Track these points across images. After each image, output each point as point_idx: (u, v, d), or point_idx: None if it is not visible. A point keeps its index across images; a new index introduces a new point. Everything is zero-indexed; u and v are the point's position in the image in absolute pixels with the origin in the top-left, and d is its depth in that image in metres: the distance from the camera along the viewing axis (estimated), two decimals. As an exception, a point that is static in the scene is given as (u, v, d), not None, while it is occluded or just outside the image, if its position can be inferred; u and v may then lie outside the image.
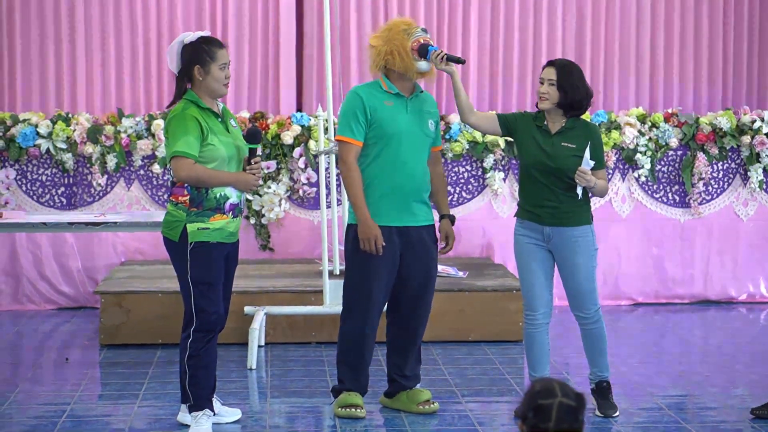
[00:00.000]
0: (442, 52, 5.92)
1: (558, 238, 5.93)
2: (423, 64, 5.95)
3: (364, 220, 5.91)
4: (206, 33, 5.72)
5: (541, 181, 5.92)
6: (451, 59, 5.97)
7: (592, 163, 5.87)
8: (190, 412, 5.72)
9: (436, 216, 6.11)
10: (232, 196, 5.66)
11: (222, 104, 5.81)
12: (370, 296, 5.96)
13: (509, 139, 8.92)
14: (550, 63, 5.98)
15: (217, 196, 5.61)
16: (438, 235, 6.16)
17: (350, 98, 5.99)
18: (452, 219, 6.17)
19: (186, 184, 5.59)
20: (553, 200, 5.91)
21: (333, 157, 7.63)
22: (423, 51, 5.92)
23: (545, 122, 5.98)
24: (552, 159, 5.89)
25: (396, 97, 5.98)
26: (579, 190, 5.90)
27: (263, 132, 8.81)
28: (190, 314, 5.64)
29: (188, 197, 5.60)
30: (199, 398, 5.69)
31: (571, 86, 5.89)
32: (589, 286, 5.97)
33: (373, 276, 5.94)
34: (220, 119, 5.68)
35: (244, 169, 5.71)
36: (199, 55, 5.61)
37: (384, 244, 5.90)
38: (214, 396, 5.91)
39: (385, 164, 5.94)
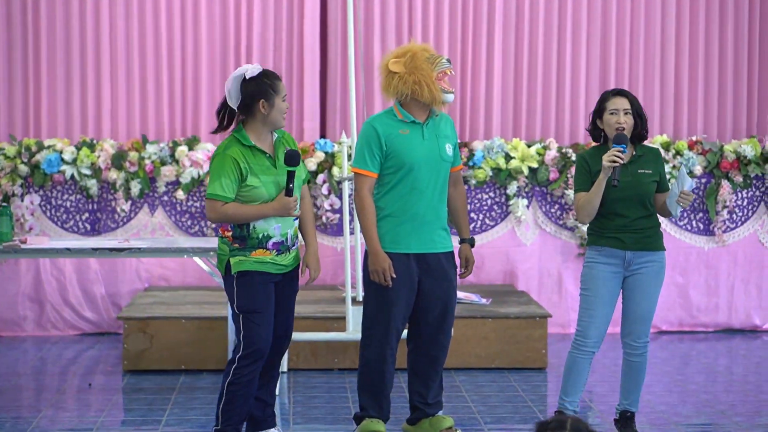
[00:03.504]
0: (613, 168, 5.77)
1: (639, 262, 5.89)
2: (450, 96, 5.92)
3: (374, 252, 5.89)
4: (257, 66, 5.64)
5: (622, 209, 5.86)
6: (611, 179, 5.79)
7: (691, 180, 5.85)
8: (214, 436, 5.72)
9: (455, 240, 6.07)
10: (276, 235, 5.61)
11: (279, 133, 5.73)
12: (389, 323, 5.93)
13: (532, 166, 8.95)
14: (618, 93, 5.92)
15: (260, 235, 5.60)
16: (458, 260, 6.14)
17: (365, 130, 5.95)
18: (471, 242, 6.13)
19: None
20: (635, 226, 5.86)
21: (356, 183, 7.62)
22: (618, 140, 5.79)
23: None
24: (633, 187, 5.84)
25: (411, 125, 5.94)
26: (678, 211, 5.86)
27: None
28: (239, 341, 5.65)
29: (231, 233, 5.63)
30: (228, 424, 5.66)
31: (643, 113, 5.93)
32: (650, 315, 5.93)
33: (391, 302, 5.92)
34: (267, 155, 5.63)
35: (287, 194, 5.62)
36: (263, 89, 5.58)
37: (394, 275, 5.87)
38: (277, 427, 5.90)
39: (403, 193, 5.91)
